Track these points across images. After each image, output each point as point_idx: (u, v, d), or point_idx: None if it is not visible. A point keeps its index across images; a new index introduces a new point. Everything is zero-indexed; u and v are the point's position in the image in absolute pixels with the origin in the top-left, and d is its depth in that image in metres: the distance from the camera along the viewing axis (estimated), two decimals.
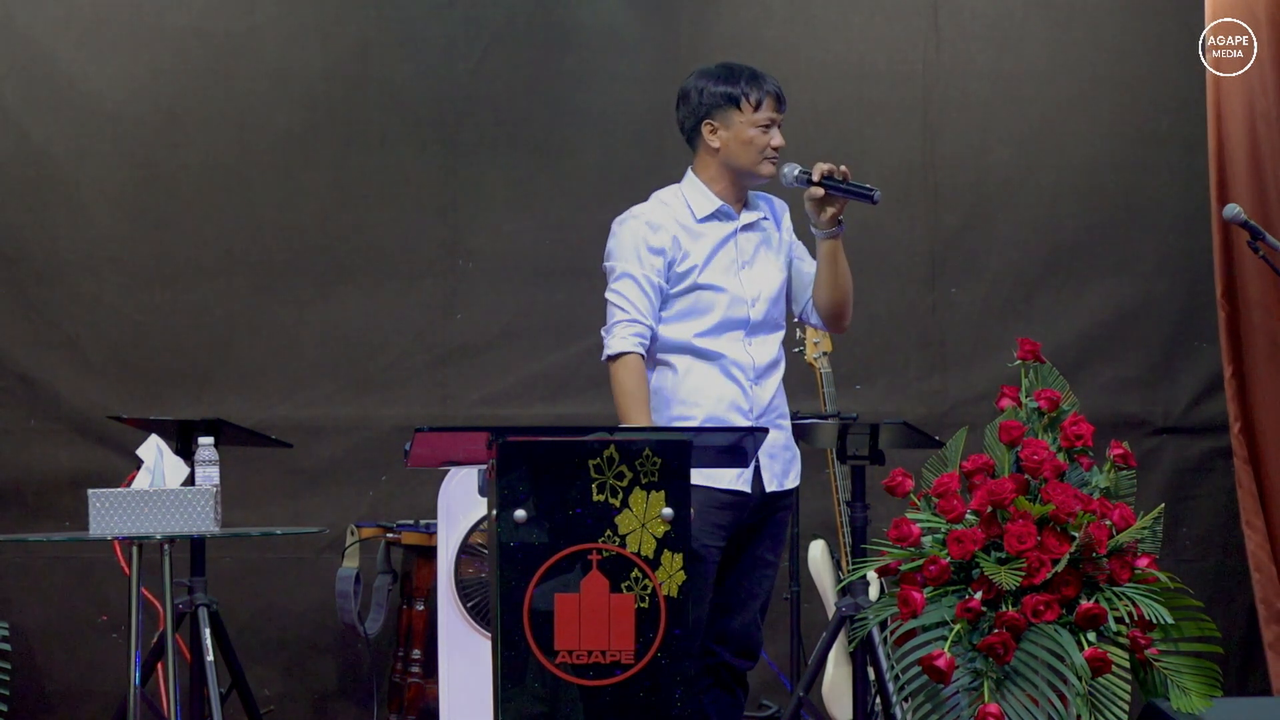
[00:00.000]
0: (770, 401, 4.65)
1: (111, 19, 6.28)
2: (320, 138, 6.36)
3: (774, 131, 4.64)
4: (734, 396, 4.61)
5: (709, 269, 4.63)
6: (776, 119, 4.65)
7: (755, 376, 4.63)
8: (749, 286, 4.64)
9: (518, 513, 4.04)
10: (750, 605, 4.65)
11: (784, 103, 4.66)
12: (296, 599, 6.27)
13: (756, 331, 4.64)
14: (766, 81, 4.66)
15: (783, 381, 4.68)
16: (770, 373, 4.66)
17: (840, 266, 4.67)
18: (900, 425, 4.73)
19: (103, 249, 6.26)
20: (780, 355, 4.69)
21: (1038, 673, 4.23)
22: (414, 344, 6.37)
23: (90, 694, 6.14)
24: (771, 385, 4.66)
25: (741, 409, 4.61)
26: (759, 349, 4.64)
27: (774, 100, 4.65)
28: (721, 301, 4.62)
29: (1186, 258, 6.49)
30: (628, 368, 4.57)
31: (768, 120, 4.63)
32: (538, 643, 4.01)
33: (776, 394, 4.67)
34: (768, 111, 4.63)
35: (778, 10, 6.47)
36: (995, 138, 6.51)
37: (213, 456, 4.88)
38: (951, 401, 6.44)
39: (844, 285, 4.68)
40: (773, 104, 4.64)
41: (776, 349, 4.68)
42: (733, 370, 4.62)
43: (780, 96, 4.66)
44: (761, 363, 4.64)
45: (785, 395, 4.70)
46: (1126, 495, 4.54)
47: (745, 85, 4.64)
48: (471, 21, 6.42)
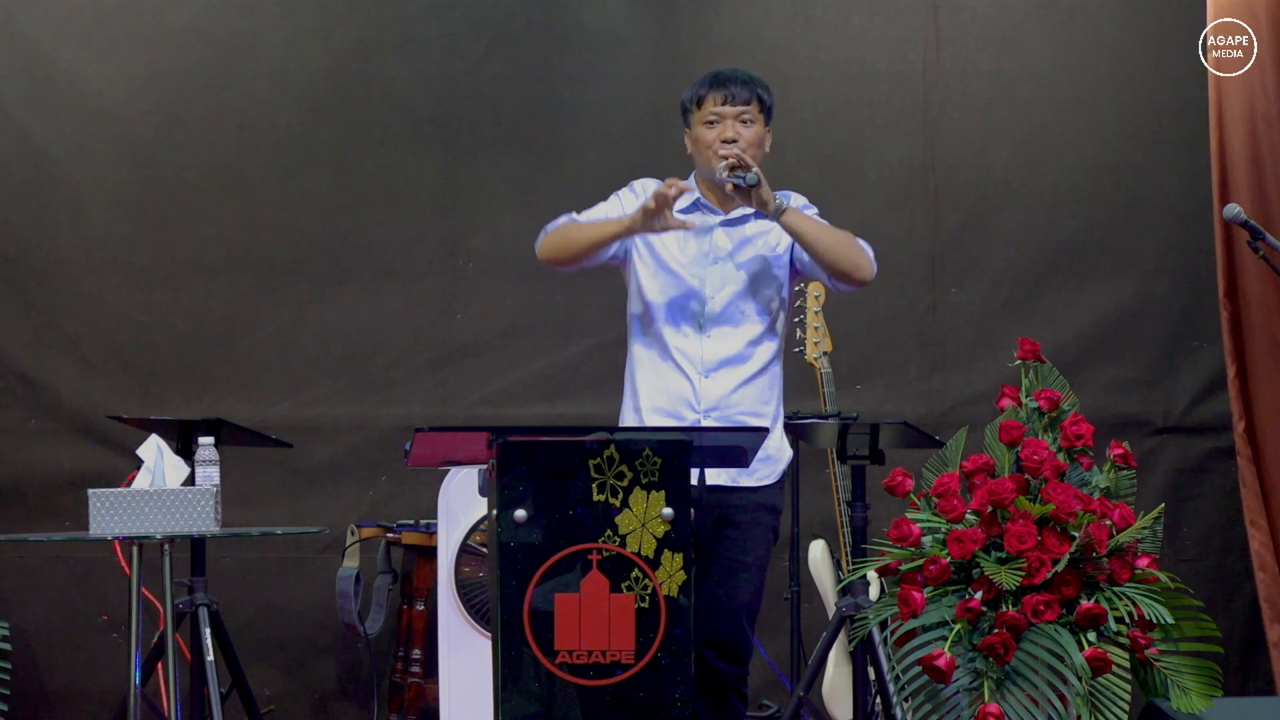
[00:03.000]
0: (727, 397, 4.62)
1: (111, 19, 6.28)
2: (320, 138, 6.36)
3: (723, 125, 4.63)
4: (681, 389, 4.64)
5: (674, 259, 4.67)
6: (726, 113, 4.63)
7: (705, 370, 4.63)
8: (713, 280, 4.65)
9: (518, 513, 4.04)
10: (734, 610, 4.61)
11: (738, 98, 4.63)
12: (296, 599, 6.27)
13: (715, 324, 4.65)
14: (716, 79, 4.66)
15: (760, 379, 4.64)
16: (727, 368, 4.64)
17: (806, 237, 4.62)
18: (900, 425, 4.73)
19: (103, 249, 6.27)
20: (746, 352, 4.65)
21: (1038, 673, 4.23)
22: (414, 344, 6.37)
23: (90, 694, 6.14)
24: (728, 380, 4.64)
25: (689, 402, 4.63)
26: (714, 343, 4.65)
27: (720, 95, 4.63)
28: (681, 291, 4.65)
29: (1187, 258, 6.49)
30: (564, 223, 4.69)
31: (713, 115, 4.64)
32: (538, 643, 4.02)
33: (738, 390, 4.63)
34: (712, 107, 4.64)
35: (778, 10, 6.47)
36: (995, 138, 6.51)
37: (213, 456, 4.88)
38: (951, 401, 6.44)
39: (820, 249, 4.63)
40: (718, 99, 4.64)
41: (740, 345, 4.65)
42: (681, 362, 4.65)
43: (732, 91, 4.63)
44: (715, 357, 4.64)
45: (766, 392, 4.66)
46: (1126, 495, 4.54)
47: (697, 87, 4.69)
48: (471, 21, 6.42)
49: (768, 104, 4.70)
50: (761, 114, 4.69)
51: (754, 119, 4.66)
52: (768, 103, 4.70)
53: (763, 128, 4.69)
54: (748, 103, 4.65)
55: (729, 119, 4.64)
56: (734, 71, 4.71)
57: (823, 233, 4.65)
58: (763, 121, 4.69)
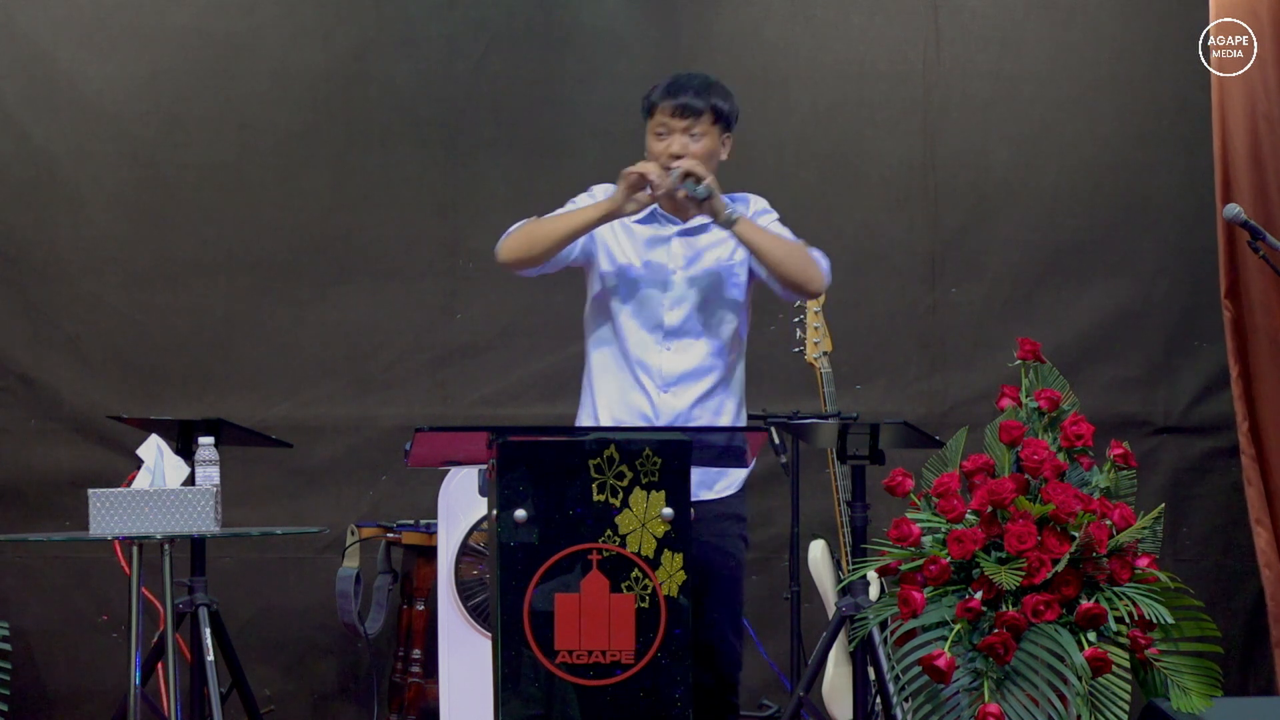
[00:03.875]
0: (687, 412, 4.57)
1: (111, 19, 6.28)
2: (320, 138, 6.36)
3: (671, 139, 4.57)
4: (639, 403, 4.60)
5: (632, 269, 4.63)
6: (674, 126, 4.56)
7: (664, 384, 4.59)
8: (671, 292, 4.60)
9: (518, 513, 4.04)
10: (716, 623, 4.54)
11: (691, 111, 4.55)
12: (296, 599, 6.27)
13: (674, 336, 4.60)
14: (671, 87, 4.60)
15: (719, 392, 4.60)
16: (686, 382, 4.59)
17: (757, 248, 4.53)
18: (900, 425, 4.73)
19: (103, 249, 6.27)
20: (706, 364, 4.59)
21: (1038, 673, 4.23)
22: (414, 344, 6.37)
23: (90, 694, 6.14)
24: (687, 396, 4.58)
25: (646, 416, 4.59)
26: (674, 356, 4.59)
27: (670, 106, 4.57)
28: (639, 304, 4.62)
29: (1187, 258, 6.50)
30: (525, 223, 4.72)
31: (661, 127, 4.59)
32: (538, 643, 4.02)
33: (697, 405, 4.58)
34: (661, 118, 4.59)
35: (778, 10, 6.48)
36: (995, 138, 6.51)
37: (213, 456, 4.88)
38: (951, 401, 6.44)
39: (771, 261, 4.53)
40: (667, 111, 4.58)
41: (700, 358, 4.59)
42: (640, 375, 4.60)
43: (682, 103, 4.55)
44: (674, 371, 4.59)
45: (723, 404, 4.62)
46: (1126, 495, 4.55)
47: (653, 91, 4.63)
48: (471, 21, 6.42)
49: (725, 112, 4.60)
50: (716, 124, 4.59)
51: (705, 132, 4.57)
52: (725, 111, 4.60)
53: (717, 139, 4.60)
54: (698, 115, 4.57)
55: (677, 133, 4.57)
56: (689, 80, 4.62)
57: (774, 244, 4.55)
58: (718, 132, 4.60)
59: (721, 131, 4.62)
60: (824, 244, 6.34)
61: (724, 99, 4.61)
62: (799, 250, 4.59)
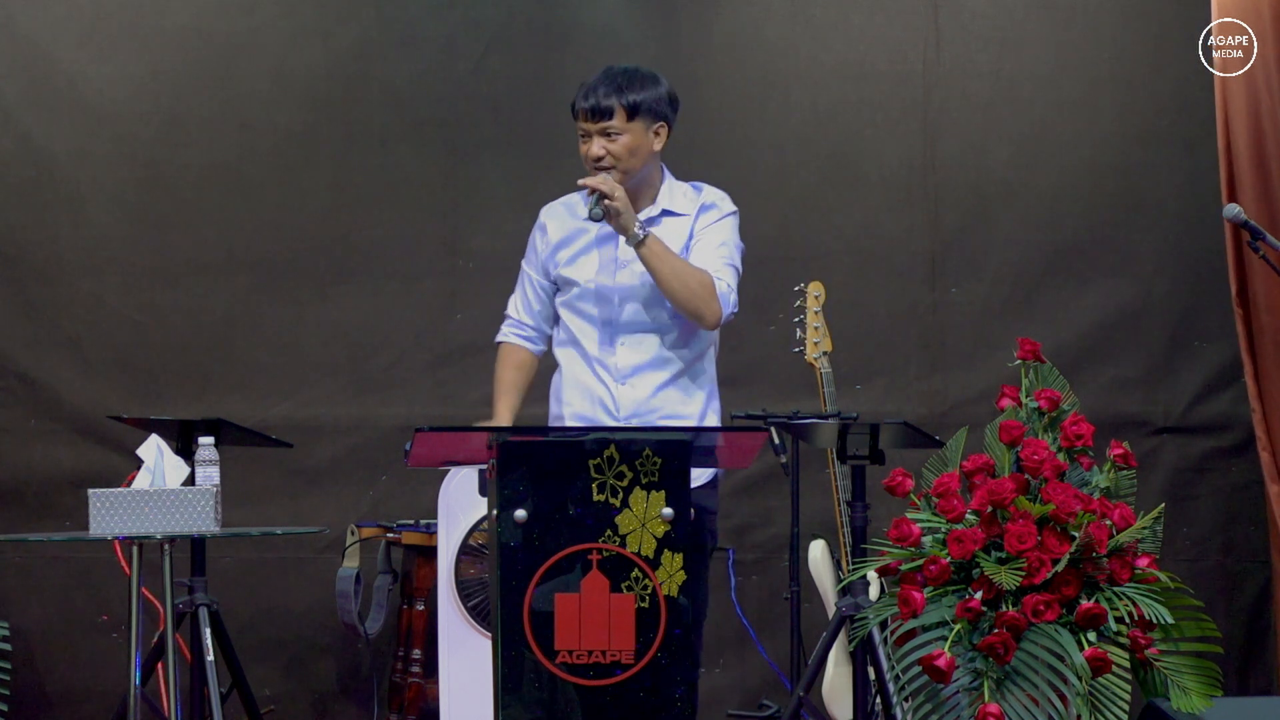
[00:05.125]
0: (646, 402, 4.63)
1: (111, 19, 6.28)
2: (320, 138, 6.36)
3: (591, 142, 4.63)
4: (602, 395, 4.67)
5: (581, 267, 4.71)
6: (590, 129, 4.62)
7: (621, 377, 4.65)
8: (620, 288, 4.66)
9: (518, 513, 4.05)
10: None
11: (601, 112, 4.59)
12: (296, 599, 6.27)
13: (626, 331, 4.66)
14: (584, 89, 4.64)
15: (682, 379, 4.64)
16: (643, 373, 4.65)
17: (655, 273, 4.58)
18: (900, 425, 4.73)
19: (103, 249, 6.26)
20: (662, 356, 4.65)
21: (1038, 673, 4.23)
22: (414, 344, 6.37)
23: (90, 694, 6.14)
24: (646, 386, 4.65)
25: (608, 408, 4.65)
26: (627, 351, 4.66)
27: (583, 111, 4.62)
28: (590, 299, 4.69)
29: (1187, 258, 6.49)
30: (498, 357, 4.87)
31: (582, 131, 4.65)
32: (538, 643, 4.02)
33: (657, 394, 4.64)
34: (579, 123, 4.65)
35: (778, 10, 6.47)
36: (995, 138, 6.51)
37: (213, 456, 4.88)
38: (951, 401, 6.44)
39: (667, 288, 4.58)
40: (582, 115, 4.63)
41: (654, 351, 4.65)
42: (598, 369, 4.68)
43: (590, 106, 4.59)
44: (628, 363, 4.65)
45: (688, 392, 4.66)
46: (1126, 495, 4.55)
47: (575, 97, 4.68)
48: (471, 21, 6.41)
49: (642, 104, 4.61)
50: (636, 119, 4.61)
51: (623, 129, 4.61)
52: (642, 102, 4.61)
53: (643, 132, 4.63)
54: (609, 115, 4.61)
55: (593, 135, 4.62)
56: (602, 79, 4.65)
57: (672, 273, 4.56)
58: (643, 125, 4.62)
59: (649, 124, 4.64)
60: (824, 244, 6.42)
61: (641, 91, 4.63)
62: (696, 282, 4.58)
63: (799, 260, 6.32)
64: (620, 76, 4.64)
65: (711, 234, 4.68)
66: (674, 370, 4.67)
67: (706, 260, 4.64)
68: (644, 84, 4.64)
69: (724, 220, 4.71)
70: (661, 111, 4.66)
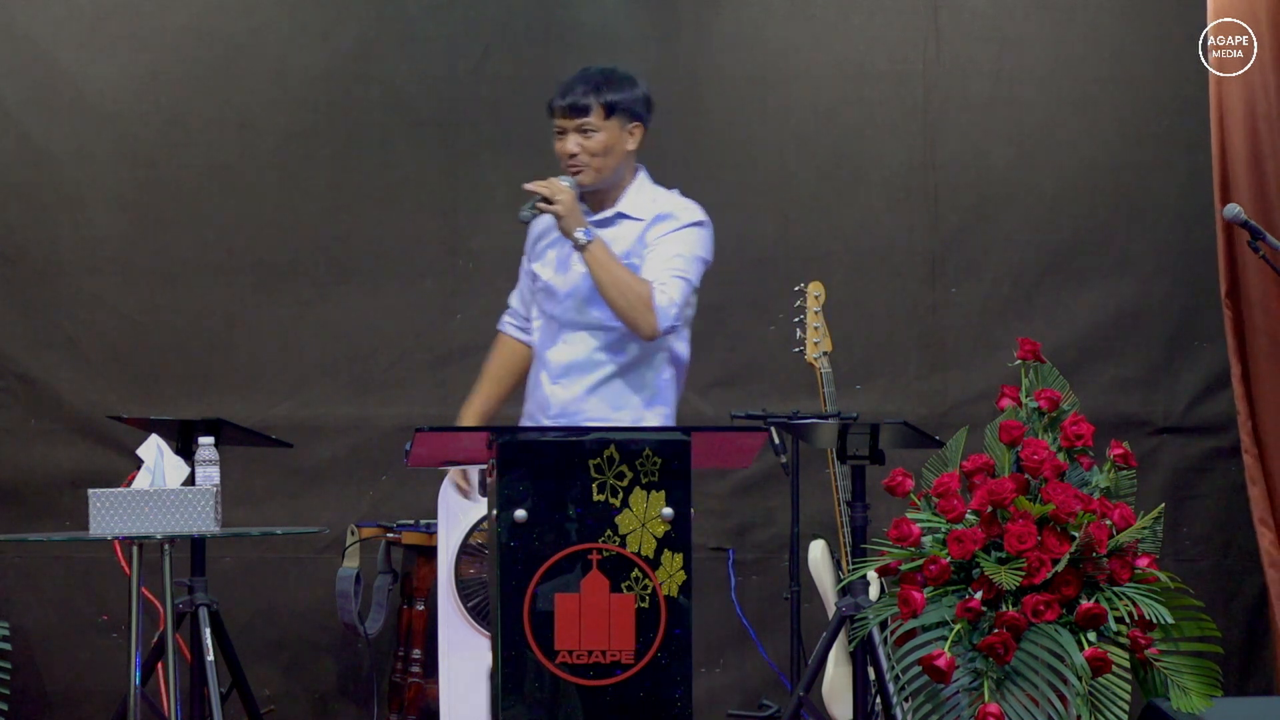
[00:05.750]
0: (573, 403, 4.64)
1: (111, 19, 6.28)
2: (320, 138, 6.36)
3: (566, 139, 4.65)
4: (541, 394, 4.73)
5: (546, 262, 4.78)
6: (566, 126, 4.65)
7: (555, 376, 4.68)
8: (568, 284, 4.69)
9: (518, 513, 4.05)
10: None
11: (578, 109, 4.62)
12: (296, 599, 6.27)
13: (568, 329, 4.68)
14: (562, 87, 4.68)
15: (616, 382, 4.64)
16: (577, 374, 4.66)
17: (595, 277, 4.59)
18: (900, 425, 4.73)
19: (103, 249, 6.26)
20: (596, 358, 4.65)
21: (1038, 673, 4.23)
22: (414, 344, 6.37)
23: (90, 694, 6.14)
24: (578, 387, 4.65)
25: (544, 407, 4.70)
26: (565, 348, 4.68)
27: (560, 108, 4.65)
28: (544, 296, 4.75)
29: (1187, 258, 6.49)
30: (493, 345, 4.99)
31: (558, 128, 4.68)
32: (538, 643, 4.02)
33: (587, 397, 4.64)
34: (556, 119, 4.68)
35: (778, 10, 6.47)
36: (995, 138, 6.51)
37: (213, 456, 4.88)
38: (951, 401, 6.44)
39: (607, 296, 4.58)
40: (559, 112, 4.66)
41: (588, 350, 4.65)
42: (540, 368, 4.74)
43: (569, 103, 4.63)
44: (561, 361, 4.68)
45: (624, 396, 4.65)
46: (1126, 495, 4.55)
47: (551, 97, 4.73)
48: (471, 21, 6.41)
49: (619, 103, 4.65)
50: (612, 117, 4.65)
51: (599, 127, 4.64)
52: (619, 102, 4.65)
53: (617, 132, 4.66)
54: (586, 112, 4.63)
55: (570, 131, 4.65)
56: (580, 77, 4.69)
57: (612, 281, 4.56)
58: (617, 125, 4.66)
59: (624, 123, 4.67)
60: (824, 244, 6.42)
61: (618, 90, 4.66)
62: (634, 292, 4.56)
63: (799, 260, 6.32)
64: (598, 76, 4.68)
65: (666, 244, 4.64)
66: (605, 373, 4.66)
67: (655, 270, 4.60)
68: (621, 84, 4.68)
69: (682, 231, 4.67)
70: (637, 112, 4.70)
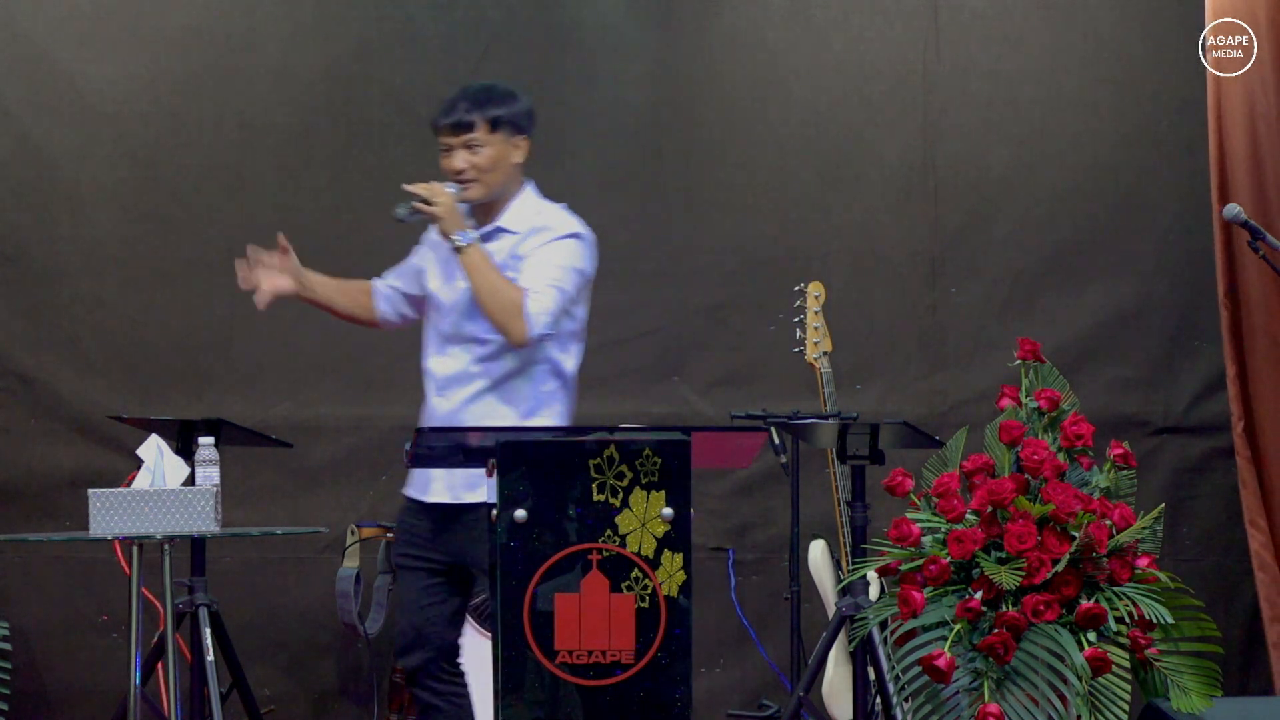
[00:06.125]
0: (452, 415, 4.67)
1: (111, 19, 6.28)
2: (320, 138, 6.36)
3: (453, 155, 4.69)
4: (430, 404, 4.77)
5: (433, 277, 4.82)
6: (452, 143, 4.69)
7: (439, 388, 4.72)
8: (450, 297, 4.73)
9: (518, 513, 4.04)
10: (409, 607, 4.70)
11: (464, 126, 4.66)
12: (296, 599, 6.27)
13: (450, 343, 4.72)
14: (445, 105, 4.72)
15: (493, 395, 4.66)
16: (456, 386, 4.69)
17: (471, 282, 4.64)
18: (900, 425, 4.74)
19: (103, 249, 6.26)
20: (474, 371, 4.67)
21: (1038, 673, 4.23)
22: (414, 344, 6.34)
23: (90, 694, 6.14)
24: (456, 399, 4.69)
25: (431, 417, 4.73)
26: (447, 360, 4.72)
27: (445, 126, 4.69)
28: (430, 307, 4.78)
29: (1186, 258, 6.49)
30: None
31: (443, 145, 4.72)
32: (538, 643, 4.02)
33: (465, 408, 4.67)
34: (441, 137, 4.72)
35: (778, 10, 6.47)
36: (995, 138, 6.51)
37: (213, 456, 4.88)
38: (951, 401, 6.44)
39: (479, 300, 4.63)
40: (444, 130, 4.70)
41: (465, 364, 4.69)
42: (427, 378, 4.78)
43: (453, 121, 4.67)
44: (442, 373, 4.72)
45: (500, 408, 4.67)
46: (1126, 495, 4.55)
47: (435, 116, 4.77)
48: (471, 21, 6.41)
49: (505, 118, 4.69)
50: (498, 131, 4.69)
51: (485, 141, 4.68)
52: (505, 117, 4.69)
53: (501, 146, 4.69)
54: (471, 128, 4.68)
55: (456, 148, 4.70)
56: (463, 94, 4.73)
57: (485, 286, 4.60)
58: (501, 139, 4.69)
59: (510, 136, 4.72)
60: (824, 244, 6.42)
61: (502, 105, 4.72)
62: (506, 298, 4.59)
63: (799, 260, 6.32)
64: (480, 92, 4.74)
65: (542, 254, 4.68)
66: (480, 386, 4.69)
67: (530, 279, 4.64)
68: (504, 99, 4.74)
69: (558, 242, 4.69)
70: (521, 125, 4.75)
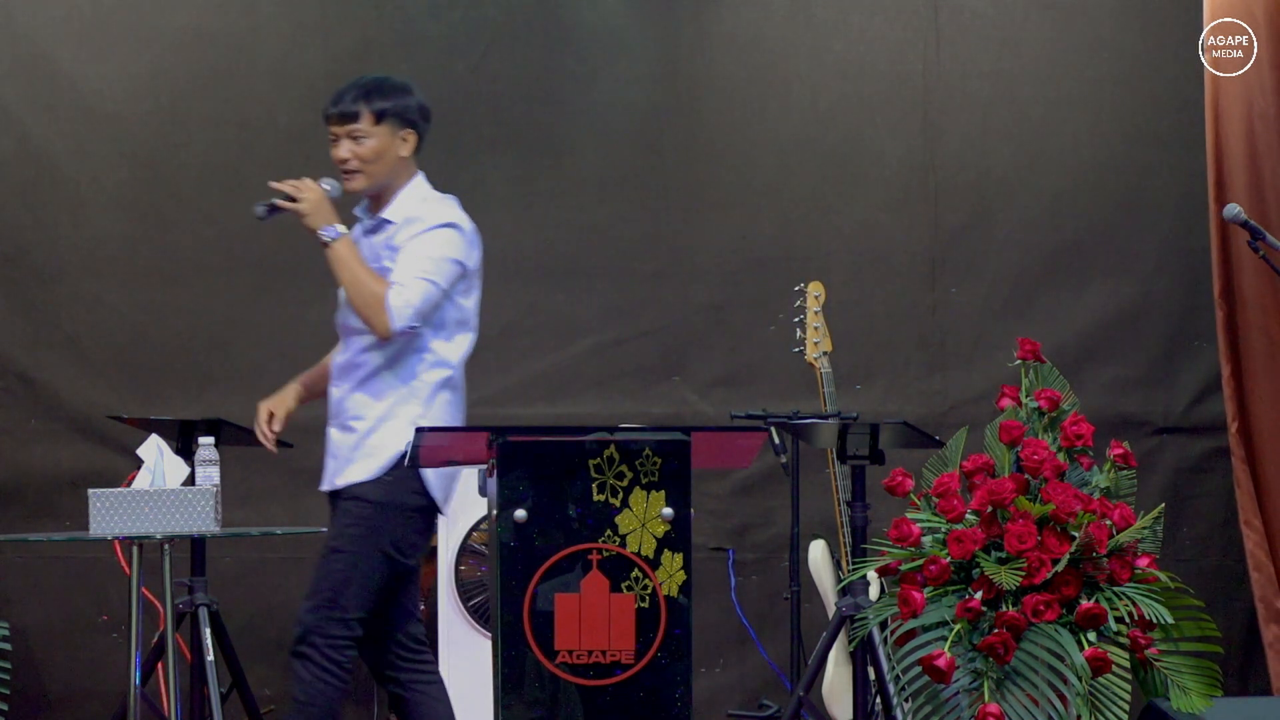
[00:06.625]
0: (339, 404, 4.73)
1: (111, 19, 6.28)
2: (320, 138, 6.33)
3: (339, 145, 4.73)
4: None
5: None
6: (338, 133, 4.72)
7: (334, 380, 4.77)
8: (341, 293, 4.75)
9: (518, 513, 4.05)
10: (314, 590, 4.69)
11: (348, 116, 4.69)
12: (296, 599, 6.22)
13: (343, 334, 4.79)
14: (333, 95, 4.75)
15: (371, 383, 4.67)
16: (341, 376, 4.74)
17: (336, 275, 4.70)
18: (900, 425, 4.73)
19: (103, 249, 6.26)
20: (361, 360, 4.70)
21: (1038, 673, 4.23)
22: None
23: (90, 694, 6.14)
24: (342, 389, 4.73)
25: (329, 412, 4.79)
26: (341, 353, 4.79)
27: (331, 115, 4.73)
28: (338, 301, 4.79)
29: (1186, 258, 6.49)
30: None
31: (331, 135, 4.75)
32: (538, 643, 4.02)
33: (349, 397, 4.70)
34: (329, 127, 4.76)
35: (778, 10, 6.47)
36: (995, 138, 6.51)
37: (213, 456, 4.88)
38: (951, 401, 6.44)
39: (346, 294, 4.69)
40: (331, 120, 4.74)
41: (353, 354, 4.72)
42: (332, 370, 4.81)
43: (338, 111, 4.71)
44: (336, 364, 4.79)
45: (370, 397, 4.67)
46: (1126, 495, 4.55)
47: None
48: (471, 21, 6.41)
49: (386, 110, 4.70)
50: (382, 123, 4.71)
51: (369, 133, 4.70)
52: (390, 109, 4.71)
53: (389, 137, 4.71)
54: (356, 119, 4.70)
55: (342, 138, 4.72)
56: (350, 85, 4.75)
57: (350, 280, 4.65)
58: (388, 130, 4.71)
59: (396, 129, 4.73)
60: (824, 244, 6.42)
61: (388, 98, 4.73)
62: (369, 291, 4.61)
63: (799, 260, 6.32)
64: (369, 84, 4.75)
65: (412, 246, 4.68)
66: (360, 376, 4.71)
67: (399, 272, 4.65)
68: (391, 92, 4.75)
69: (430, 233, 4.69)
70: (409, 118, 4.75)
